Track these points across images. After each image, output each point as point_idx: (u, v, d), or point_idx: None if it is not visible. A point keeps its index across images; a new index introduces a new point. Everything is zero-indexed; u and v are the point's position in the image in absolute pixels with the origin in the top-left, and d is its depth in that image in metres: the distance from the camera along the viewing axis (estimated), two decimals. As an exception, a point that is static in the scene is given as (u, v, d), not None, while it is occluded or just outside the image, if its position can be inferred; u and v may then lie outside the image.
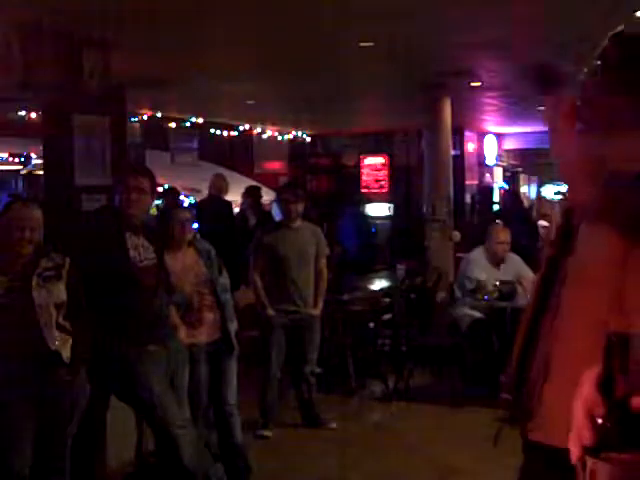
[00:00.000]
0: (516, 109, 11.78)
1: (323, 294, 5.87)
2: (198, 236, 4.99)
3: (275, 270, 5.67)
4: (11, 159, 13.14)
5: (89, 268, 3.76)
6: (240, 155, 14.20)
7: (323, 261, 5.89)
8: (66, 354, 3.53)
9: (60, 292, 3.58)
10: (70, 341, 3.57)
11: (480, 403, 5.83)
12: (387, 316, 7.41)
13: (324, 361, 6.31)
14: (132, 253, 3.95)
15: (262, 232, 5.98)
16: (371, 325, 7.35)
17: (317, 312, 5.79)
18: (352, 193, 13.31)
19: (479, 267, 6.65)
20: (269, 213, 10.23)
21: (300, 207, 5.77)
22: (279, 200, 5.91)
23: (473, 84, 8.58)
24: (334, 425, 5.83)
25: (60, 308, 3.56)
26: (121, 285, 3.89)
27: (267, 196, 10.40)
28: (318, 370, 5.99)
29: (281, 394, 5.95)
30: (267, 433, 5.69)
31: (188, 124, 11.91)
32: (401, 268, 8.49)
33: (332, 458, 5.25)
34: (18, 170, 12.02)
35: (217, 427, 4.73)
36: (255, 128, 13.40)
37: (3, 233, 3.57)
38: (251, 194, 10.10)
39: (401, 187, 14.45)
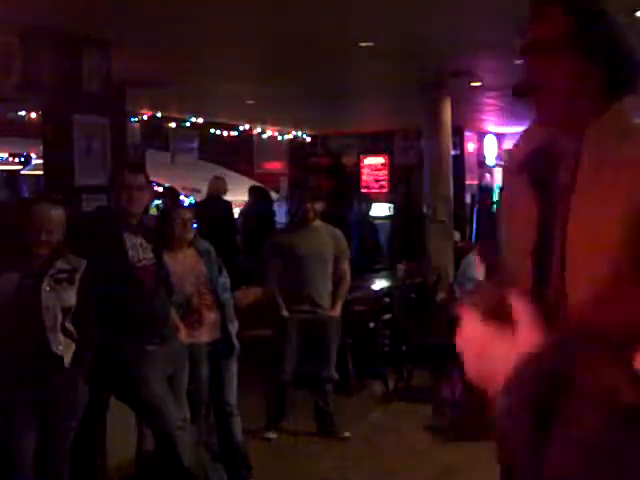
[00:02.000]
0: (516, 109, 11.76)
1: (343, 297, 5.77)
2: (198, 236, 4.99)
3: (291, 270, 5.57)
4: (11, 159, 13.13)
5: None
6: (240, 155, 14.17)
7: (345, 262, 5.78)
8: (68, 359, 3.52)
9: (69, 296, 3.56)
10: (74, 346, 3.56)
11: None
12: (387, 316, 7.41)
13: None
14: (131, 253, 3.95)
15: (279, 232, 5.91)
16: (371, 325, 7.35)
17: (335, 313, 5.68)
18: (352, 193, 13.31)
19: (479, 267, 6.64)
20: (269, 214, 10.25)
21: (318, 206, 5.74)
22: (297, 200, 5.83)
23: (473, 84, 8.56)
24: (347, 434, 5.68)
25: (67, 312, 3.55)
26: (120, 285, 3.89)
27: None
28: (336, 376, 5.82)
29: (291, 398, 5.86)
30: (272, 435, 5.66)
31: (188, 124, 11.89)
32: (401, 268, 8.49)
33: (332, 458, 5.25)
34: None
35: (217, 427, 4.74)
36: (255, 128, 13.37)
37: (21, 232, 3.57)
38: (255, 194, 10.16)
39: (401, 187, 14.43)
